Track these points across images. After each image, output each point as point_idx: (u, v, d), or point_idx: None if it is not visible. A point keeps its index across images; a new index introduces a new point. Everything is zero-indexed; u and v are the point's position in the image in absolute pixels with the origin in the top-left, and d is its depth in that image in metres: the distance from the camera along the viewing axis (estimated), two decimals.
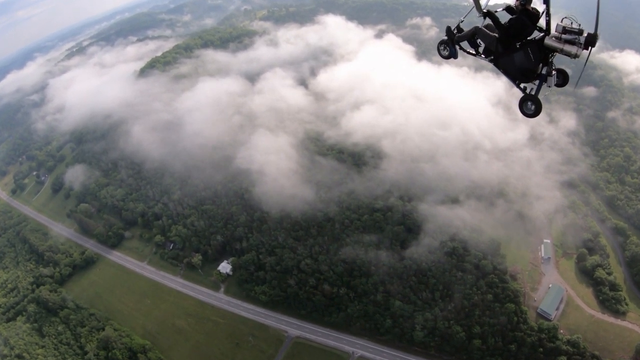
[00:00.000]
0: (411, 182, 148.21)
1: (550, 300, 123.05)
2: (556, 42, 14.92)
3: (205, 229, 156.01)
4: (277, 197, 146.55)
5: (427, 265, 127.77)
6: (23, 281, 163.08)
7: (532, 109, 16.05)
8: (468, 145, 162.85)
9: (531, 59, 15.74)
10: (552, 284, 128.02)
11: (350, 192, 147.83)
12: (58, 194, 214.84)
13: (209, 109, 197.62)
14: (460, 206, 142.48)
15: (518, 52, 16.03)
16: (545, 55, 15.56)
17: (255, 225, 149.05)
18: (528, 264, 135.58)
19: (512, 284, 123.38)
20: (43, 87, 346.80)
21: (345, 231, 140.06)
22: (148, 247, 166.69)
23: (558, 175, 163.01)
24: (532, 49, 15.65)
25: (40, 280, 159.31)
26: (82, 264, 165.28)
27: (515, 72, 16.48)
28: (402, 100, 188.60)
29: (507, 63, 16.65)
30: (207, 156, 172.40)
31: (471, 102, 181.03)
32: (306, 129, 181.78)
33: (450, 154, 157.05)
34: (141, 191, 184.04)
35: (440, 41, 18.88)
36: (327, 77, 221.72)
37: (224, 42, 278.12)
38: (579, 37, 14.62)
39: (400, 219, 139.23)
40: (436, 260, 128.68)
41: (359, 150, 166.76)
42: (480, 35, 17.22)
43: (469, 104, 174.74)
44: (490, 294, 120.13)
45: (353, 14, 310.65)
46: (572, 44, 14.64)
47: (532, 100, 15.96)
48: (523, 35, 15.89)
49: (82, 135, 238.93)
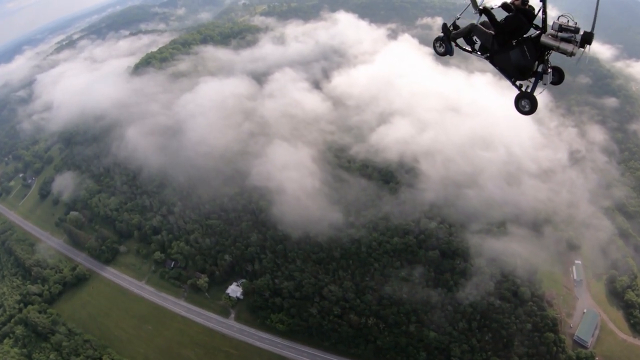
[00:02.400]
0: (447, 204, 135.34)
1: (586, 327, 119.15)
2: (552, 40, 14.87)
3: (211, 247, 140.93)
4: (296, 216, 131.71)
5: (464, 293, 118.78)
6: (9, 299, 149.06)
7: (528, 106, 16.01)
8: (510, 166, 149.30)
9: (527, 57, 15.67)
10: (586, 309, 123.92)
11: (381, 214, 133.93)
12: (46, 200, 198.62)
13: (214, 114, 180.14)
14: (499, 232, 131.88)
15: (514, 49, 15.89)
16: (541, 53, 15.49)
17: (269, 244, 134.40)
18: (562, 288, 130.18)
19: (550, 311, 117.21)
20: (31, 82, 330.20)
21: (372, 255, 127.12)
22: (146, 264, 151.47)
23: (592, 194, 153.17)
24: (528, 47, 15.57)
25: (27, 299, 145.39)
26: (73, 281, 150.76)
27: (511, 69, 16.33)
28: (436, 112, 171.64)
29: (503, 60, 16.42)
30: (213, 167, 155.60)
31: (510, 116, 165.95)
32: (326, 140, 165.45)
33: (494, 177, 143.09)
34: (137, 200, 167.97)
35: (436, 38, 18.55)
36: (344, 81, 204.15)
37: (225, 37, 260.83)
38: (575, 35, 14.51)
39: (434, 243, 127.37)
40: (473, 287, 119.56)
41: (390, 168, 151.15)
42: (477, 32, 17.00)
43: (508, 119, 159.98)
44: (529, 323, 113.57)
45: (359, 12, 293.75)
46: (569, 42, 14.58)
47: (528, 97, 15.93)
48: (519, 32, 15.79)
49: (71, 136, 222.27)
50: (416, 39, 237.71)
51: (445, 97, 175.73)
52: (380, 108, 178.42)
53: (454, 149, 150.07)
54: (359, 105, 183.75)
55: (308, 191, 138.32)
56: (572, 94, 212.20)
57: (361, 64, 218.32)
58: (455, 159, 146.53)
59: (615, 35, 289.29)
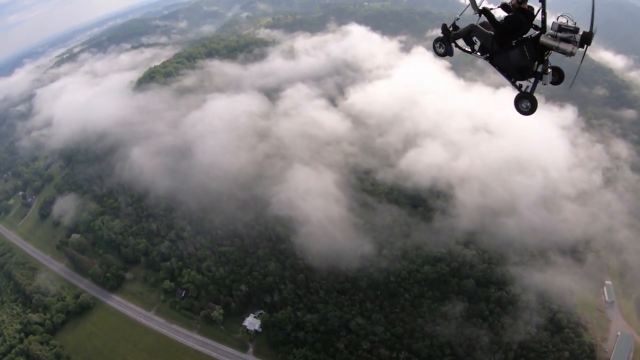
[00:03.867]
0: (481, 231, 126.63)
1: (621, 351, 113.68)
2: (552, 40, 14.89)
3: (226, 276, 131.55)
4: (320, 245, 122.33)
5: (500, 323, 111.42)
6: (9, 327, 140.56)
7: (528, 107, 15.97)
8: (547, 190, 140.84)
9: (527, 57, 15.66)
10: (620, 332, 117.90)
11: (411, 241, 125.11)
12: (46, 220, 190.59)
13: (225, 134, 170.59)
14: (535, 259, 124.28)
15: (514, 50, 15.89)
16: (541, 53, 15.50)
17: (289, 274, 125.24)
18: (595, 311, 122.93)
19: (586, 337, 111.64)
20: (31, 96, 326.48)
21: (402, 284, 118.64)
22: (154, 293, 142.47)
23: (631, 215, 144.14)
24: (527, 47, 15.57)
25: (29, 328, 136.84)
26: (76, 310, 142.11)
27: (511, 69, 16.32)
28: (465, 133, 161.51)
29: (502, 61, 16.40)
30: (225, 191, 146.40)
31: (541, 135, 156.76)
32: (348, 163, 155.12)
33: (531, 203, 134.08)
34: (143, 224, 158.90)
35: (435, 39, 18.56)
36: (362, 98, 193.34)
37: (231, 51, 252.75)
38: (574, 35, 14.57)
39: (468, 272, 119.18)
40: (509, 317, 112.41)
41: (420, 193, 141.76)
42: (476, 33, 17.02)
43: (539, 138, 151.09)
44: (567, 351, 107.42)
45: (366, 24, 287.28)
46: (568, 42, 14.62)
47: (528, 98, 15.92)
48: (519, 33, 15.82)
49: (72, 154, 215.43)
50: (430, 52, 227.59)
51: (472, 116, 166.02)
52: (405, 129, 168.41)
53: (489, 173, 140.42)
54: (381, 125, 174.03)
55: (332, 218, 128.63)
56: (589, 106, 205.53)
57: (377, 79, 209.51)
58: (490, 184, 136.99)
59: (629, 44, 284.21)
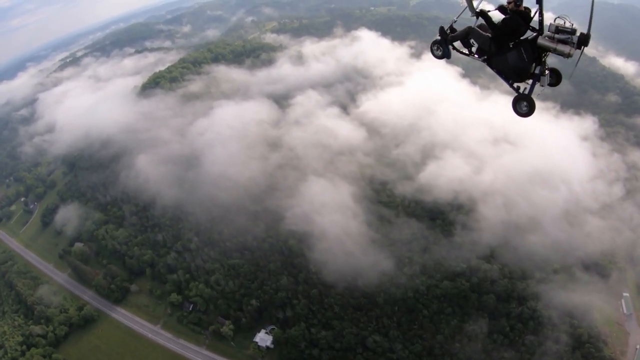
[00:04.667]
0: (501, 244, 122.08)
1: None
2: (549, 41, 14.96)
3: (235, 290, 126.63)
4: (335, 260, 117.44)
5: (521, 339, 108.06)
6: (10, 339, 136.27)
7: (526, 108, 16.02)
8: (569, 204, 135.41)
9: (524, 59, 15.75)
10: (638, 346, 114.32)
11: (428, 255, 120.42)
12: (48, 228, 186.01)
13: (235, 143, 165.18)
14: (556, 274, 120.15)
15: (511, 51, 15.96)
16: (539, 54, 15.59)
17: (302, 289, 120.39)
18: (614, 324, 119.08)
19: (606, 351, 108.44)
20: (33, 101, 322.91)
21: (421, 300, 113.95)
22: (161, 306, 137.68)
23: None
24: (525, 49, 15.63)
25: (31, 341, 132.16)
26: (80, 322, 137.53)
27: (509, 71, 16.43)
28: (485, 144, 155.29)
29: (500, 63, 16.50)
30: (235, 202, 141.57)
31: (563, 147, 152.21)
32: (364, 175, 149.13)
33: (554, 218, 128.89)
34: (148, 234, 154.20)
35: (433, 41, 18.51)
36: (375, 106, 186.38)
37: (237, 56, 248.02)
38: (571, 36, 14.63)
39: (488, 287, 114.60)
40: (530, 333, 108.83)
41: (439, 207, 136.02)
42: (474, 35, 17.04)
43: (560, 149, 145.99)
44: None
45: (374, 29, 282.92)
46: (565, 43, 14.70)
47: (526, 99, 15.93)
48: (516, 35, 15.85)
49: (75, 160, 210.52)
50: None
51: (491, 126, 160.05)
52: (422, 139, 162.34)
53: (510, 186, 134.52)
54: (397, 135, 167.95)
55: (349, 232, 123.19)
56: (602, 113, 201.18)
57: (388, 86, 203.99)
58: (512, 197, 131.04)
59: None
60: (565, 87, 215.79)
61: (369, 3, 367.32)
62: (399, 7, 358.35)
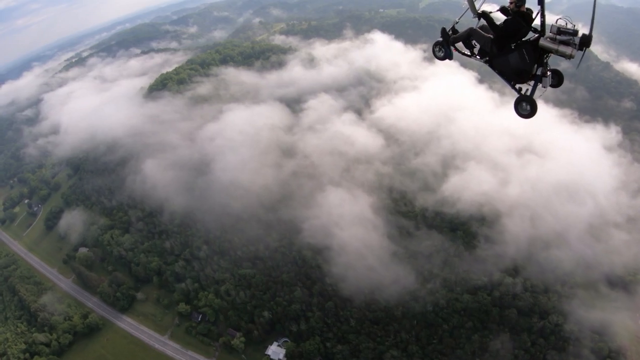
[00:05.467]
0: (522, 257, 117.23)
1: None
2: (551, 42, 14.82)
3: (247, 302, 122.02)
4: (351, 272, 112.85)
5: (543, 354, 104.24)
6: (13, 347, 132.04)
7: (528, 109, 15.91)
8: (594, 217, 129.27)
9: (526, 60, 15.66)
10: None
11: (449, 268, 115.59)
12: (52, 231, 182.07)
13: (247, 150, 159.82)
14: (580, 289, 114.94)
15: (513, 53, 15.86)
16: (540, 56, 15.47)
17: (316, 301, 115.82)
18: (634, 337, 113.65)
19: None
20: (38, 101, 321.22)
21: (440, 314, 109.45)
22: (168, 316, 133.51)
23: None
24: (527, 50, 15.55)
25: (34, 349, 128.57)
26: (84, 331, 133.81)
27: (510, 73, 16.30)
28: (509, 155, 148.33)
29: (502, 64, 16.38)
30: (246, 210, 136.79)
31: (588, 157, 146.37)
32: (383, 185, 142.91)
33: (580, 233, 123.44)
34: (155, 241, 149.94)
35: (435, 42, 18.51)
36: (391, 112, 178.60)
37: (246, 58, 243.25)
38: (573, 37, 14.47)
39: (510, 301, 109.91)
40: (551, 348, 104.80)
41: (461, 219, 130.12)
42: (475, 36, 16.98)
43: (586, 161, 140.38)
44: None
45: (385, 31, 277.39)
46: (567, 44, 14.56)
47: (528, 101, 15.82)
48: (518, 36, 15.75)
49: (80, 162, 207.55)
50: (456, 62, 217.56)
51: (513, 135, 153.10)
52: (442, 148, 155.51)
53: (536, 199, 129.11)
54: (415, 143, 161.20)
55: (367, 244, 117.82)
56: (617, 120, 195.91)
57: (402, 90, 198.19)
58: (537, 210, 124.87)
59: None
60: (580, 93, 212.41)
61: (378, 5, 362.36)
62: (408, 9, 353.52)
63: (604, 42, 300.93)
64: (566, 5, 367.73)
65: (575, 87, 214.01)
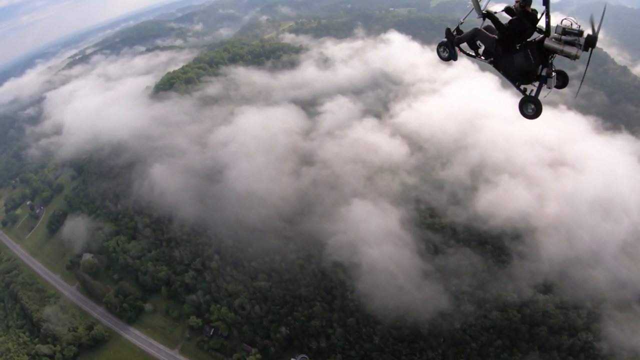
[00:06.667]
0: (557, 276, 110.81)
1: None
2: (556, 43, 14.66)
3: (262, 316, 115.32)
4: (375, 288, 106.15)
5: None
6: (15, 358, 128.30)
7: (533, 110, 15.82)
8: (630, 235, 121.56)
9: (531, 61, 15.48)
10: None
11: (477, 283, 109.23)
12: (55, 235, 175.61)
13: (262, 156, 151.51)
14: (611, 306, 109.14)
15: (518, 53, 15.67)
16: (545, 56, 15.34)
17: (337, 317, 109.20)
18: None
19: None
20: (41, 99, 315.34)
21: (468, 332, 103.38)
22: (178, 329, 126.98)
23: None
24: (531, 51, 15.37)
25: None
26: (90, 343, 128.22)
27: (515, 73, 16.12)
28: (542, 167, 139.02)
29: (506, 64, 16.18)
30: (260, 217, 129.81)
31: (622, 170, 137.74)
32: (409, 197, 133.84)
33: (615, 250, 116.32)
34: (163, 249, 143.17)
35: (439, 43, 18.17)
36: (413, 118, 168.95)
37: (256, 57, 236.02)
38: (578, 38, 14.28)
39: (540, 318, 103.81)
40: None
41: (488, 234, 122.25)
42: (480, 36, 16.82)
43: (619, 174, 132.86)
44: None
45: (397, 30, 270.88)
46: (572, 45, 14.36)
47: (533, 101, 15.73)
48: (523, 36, 15.56)
49: (84, 163, 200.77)
50: (475, 64, 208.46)
51: (545, 145, 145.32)
52: (470, 159, 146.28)
53: (571, 215, 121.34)
54: (440, 152, 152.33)
55: (395, 260, 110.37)
56: (636, 125, 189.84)
57: (421, 94, 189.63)
58: (571, 227, 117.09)
59: None
60: (599, 97, 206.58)
61: (387, 4, 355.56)
62: (419, 9, 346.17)
63: (617, 45, 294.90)
64: (576, 7, 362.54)
65: (594, 92, 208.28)
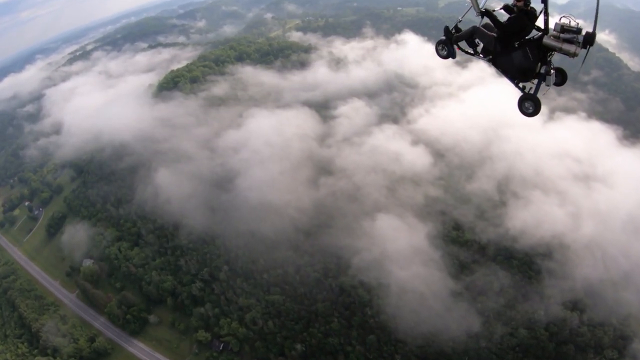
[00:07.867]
0: (586, 294, 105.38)
1: None
2: (555, 41, 14.73)
3: (276, 332, 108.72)
4: (399, 307, 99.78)
5: None
6: None
7: (532, 108, 15.83)
8: None
9: (530, 58, 15.50)
10: None
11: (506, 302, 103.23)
12: (54, 238, 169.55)
13: (276, 164, 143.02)
14: None
15: (516, 51, 15.72)
16: (544, 54, 15.34)
17: (356, 334, 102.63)
18: None
19: None
20: (40, 96, 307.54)
21: (494, 350, 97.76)
22: (185, 342, 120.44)
23: None
24: (530, 48, 15.40)
25: None
26: (91, 356, 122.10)
27: (514, 71, 16.12)
28: (574, 182, 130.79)
29: (505, 62, 16.22)
30: (272, 227, 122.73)
31: None
32: (434, 210, 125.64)
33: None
34: (168, 257, 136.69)
35: (438, 41, 18.27)
36: (432, 124, 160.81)
37: (264, 55, 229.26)
38: (577, 36, 14.35)
39: (567, 336, 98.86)
40: None
41: (516, 249, 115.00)
42: (479, 34, 16.84)
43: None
44: None
45: (405, 30, 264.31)
46: (571, 42, 14.43)
47: (532, 99, 15.74)
48: (521, 34, 15.63)
49: (84, 166, 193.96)
50: (491, 69, 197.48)
51: (574, 158, 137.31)
52: (497, 171, 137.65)
53: (606, 234, 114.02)
54: (464, 163, 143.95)
55: (425, 280, 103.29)
56: None
57: (438, 98, 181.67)
58: (606, 246, 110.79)
59: None
60: (615, 104, 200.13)
61: (394, 3, 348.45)
62: (427, 8, 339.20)
63: (628, 49, 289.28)
64: (583, 9, 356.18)
65: (609, 98, 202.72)
